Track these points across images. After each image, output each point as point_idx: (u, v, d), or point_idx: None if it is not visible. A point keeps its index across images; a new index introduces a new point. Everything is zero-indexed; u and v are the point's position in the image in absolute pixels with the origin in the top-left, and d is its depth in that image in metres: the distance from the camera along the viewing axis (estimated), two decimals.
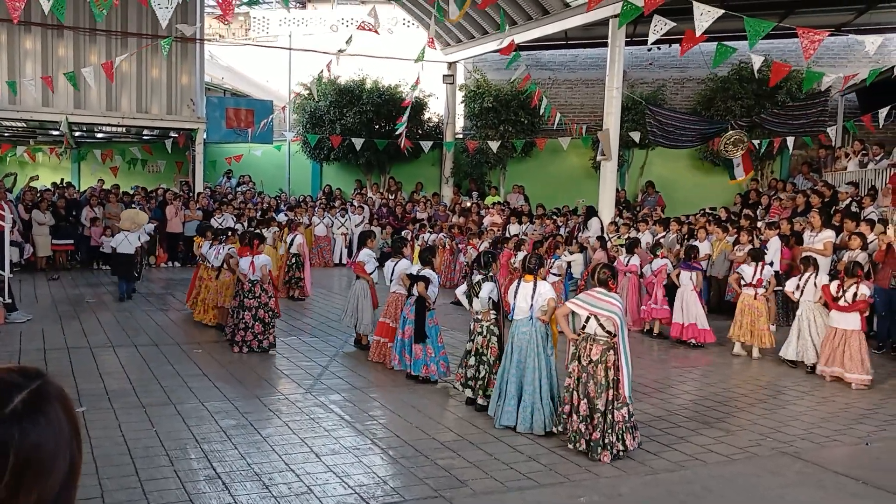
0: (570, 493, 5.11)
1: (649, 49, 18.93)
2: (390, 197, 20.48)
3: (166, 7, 9.51)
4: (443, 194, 20.85)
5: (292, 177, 23.31)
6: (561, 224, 16.10)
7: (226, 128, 19.83)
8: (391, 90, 20.82)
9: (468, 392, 7.04)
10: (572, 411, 5.85)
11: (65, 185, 19.81)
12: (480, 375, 6.93)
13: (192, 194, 18.72)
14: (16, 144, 20.99)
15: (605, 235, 13.61)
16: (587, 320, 5.92)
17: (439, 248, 14.65)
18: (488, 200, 19.43)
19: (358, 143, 18.87)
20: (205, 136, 19.22)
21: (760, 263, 9.58)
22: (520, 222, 16.51)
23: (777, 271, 10.99)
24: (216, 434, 6.03)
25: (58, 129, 18.53)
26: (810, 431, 6.57)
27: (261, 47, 23.53)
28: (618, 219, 14.65)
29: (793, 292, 9.16)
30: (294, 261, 13.21)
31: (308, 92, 19.59)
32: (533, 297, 6.41)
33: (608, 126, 14.89)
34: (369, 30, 13.46)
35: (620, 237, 13.27)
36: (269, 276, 9.44)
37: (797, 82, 16.38)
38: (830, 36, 10.27)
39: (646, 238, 12.93)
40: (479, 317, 7.06)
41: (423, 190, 21.13)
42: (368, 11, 13.83)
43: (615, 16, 13.71)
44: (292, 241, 13.27)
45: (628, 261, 11.09)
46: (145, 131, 20.30)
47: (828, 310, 8.55)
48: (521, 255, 10.80)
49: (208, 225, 13.11)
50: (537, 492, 5.11)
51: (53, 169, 23.13)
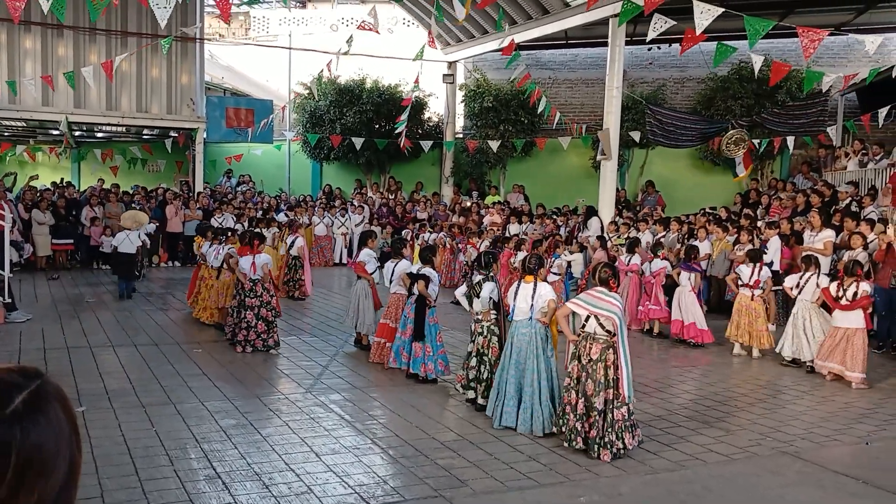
0: (570, 493, 5.11)
1: (649, 48, 18.93)
2: (390, 196, 20.46)
3: (165, 7, 9.48)
4: (443, 194, 20.84)
5: (292, 176, 23.29)
6: (561, 224, 16.09)
7: (226, 127, 19.82)
8: (391, 90, 20.80)
9: (470, 393, 7.03)
10: (570, 410, 5.86)
11: (65, 184, 19.81)
12: (483, 377, 6.92)
13: (192, 194, 18.72)
14: (16, 144, 21.00)
15: (605, 235, 13.61)
16: (587, 319, 5.93)
17: (440, 247, 14.65)
18: (488, 200, 19.42)
19: (358, 142, 18.87)
20: (205, 136, 19.22)
21: (759, 264, 9.57)
22: (520, 222, 16.51)
23: (777, 271, 11.00)
24: (216, 434, 6.03)
25: (58, 129, 18.53)
26: (810, 431, 6.57)
27: (261, 47, 23.54)
28: (618, 218, 14.66)
29: (791, 288, 9.15)
30: (294, 262, 13.21)
31: (308, 91, 19.58)
32: (533, 297, 6.40)
33: (608, 125, 14.89)
34: (369, 29, 13.46)
35: (620, 237, 13.27)
36: (270, 276, 9.45)
37: (797, 82, 16.39)
38: (830, 35, 10.25)
39: (646, 238, 12.93)
40: (480, 317, 7.06)
41: (423, 189, 21.12)
42: (368, 11, 13.83)
43: (615, 15, 13.72)
44: (293, 242, 13.25)
45: (629, 260, 11.09)
46: (145, 131, 20.30)
47: (829, 312, 8.55)
48: (521, 255, 10.80)
49: (208, 225, 13.11)
50: (537, 491, 5.12)
51: (53, 168, 23.13)
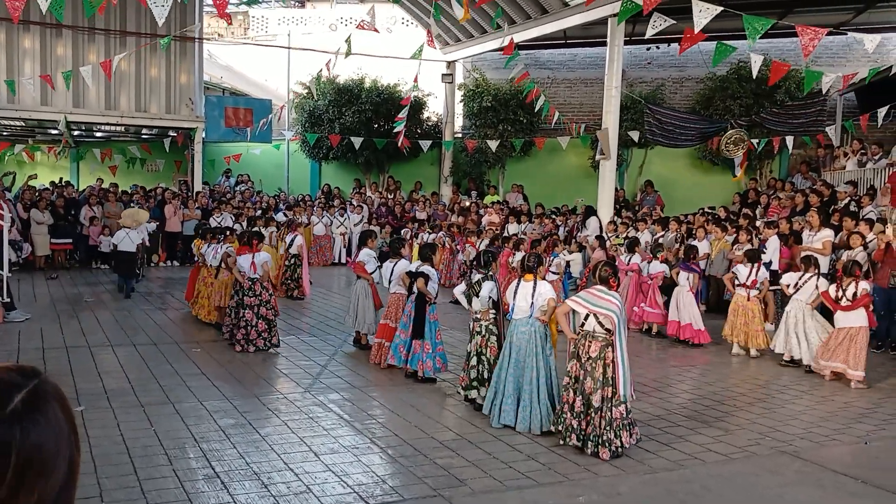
0: (568, 492, 5.11)
1: (648, 48, 18.93)
2: (389, 196, 20.45)
3: (163, 5, 9.46)
4: (442, 193, 20.82)
5: (291, 176, 23.27)
6: (560, 223, 16.10)
7: (225, 127, 19.78)
8: (390, 89, 20.79)
9: (472, 393, 7.01)
10: (567, 409, 5.86)
11: (63, 184, 19.78)
12: (484, 377, 6.92)
13: (190, 193, 18.70)
14: (14, 143, 20.97)
15: (603, 235, 13.61)
16: (586, 317, 5.94)
17: (439, 246, 14.64)
18: (487, 200, 19.41)
19: (357, 142, 18.86)
20: (203, 136, 19.21)
21: (756, 265, 9.56)
22: (518, 221, 16.50)
23: (775, 270, 10.99)
24: (215, 433, 6.03)
25: (56, 129, 18.52)
26: (809, 430, 6.58)
27: (260, 46, 23.53)
28: (616, 218, 14.66)
29: (787, 286, 9.15)
30: (293, 261, 13.21)
31: (307, 91, 19.57)
32: (533, 296, 6.41)
33: (607, 125, 14.89)
34: (368, 29, 13.45)
35: (619, 236, 13.27)
36: (268, 275, 9.44)
37: (796, 82, 16.41)
38: (829, 35, 10.25)
39: (645, 237, 12.93)
40: (479, 316, 7.06)
41: (422, 189, 21.10)
42: (367, 10, 13.82)
43: (614, 15, 13.72)
44: (292, 241, 13.26)
45: (629, 259, 11.10)
46: (144, 130, 20.28)
47: (830, 315, 8.54)
48: (519, 255, 10.80)
49: (207, 226, 13.10)
50: (536, 491, 5.12)
51: (52, 168, 23.09)
